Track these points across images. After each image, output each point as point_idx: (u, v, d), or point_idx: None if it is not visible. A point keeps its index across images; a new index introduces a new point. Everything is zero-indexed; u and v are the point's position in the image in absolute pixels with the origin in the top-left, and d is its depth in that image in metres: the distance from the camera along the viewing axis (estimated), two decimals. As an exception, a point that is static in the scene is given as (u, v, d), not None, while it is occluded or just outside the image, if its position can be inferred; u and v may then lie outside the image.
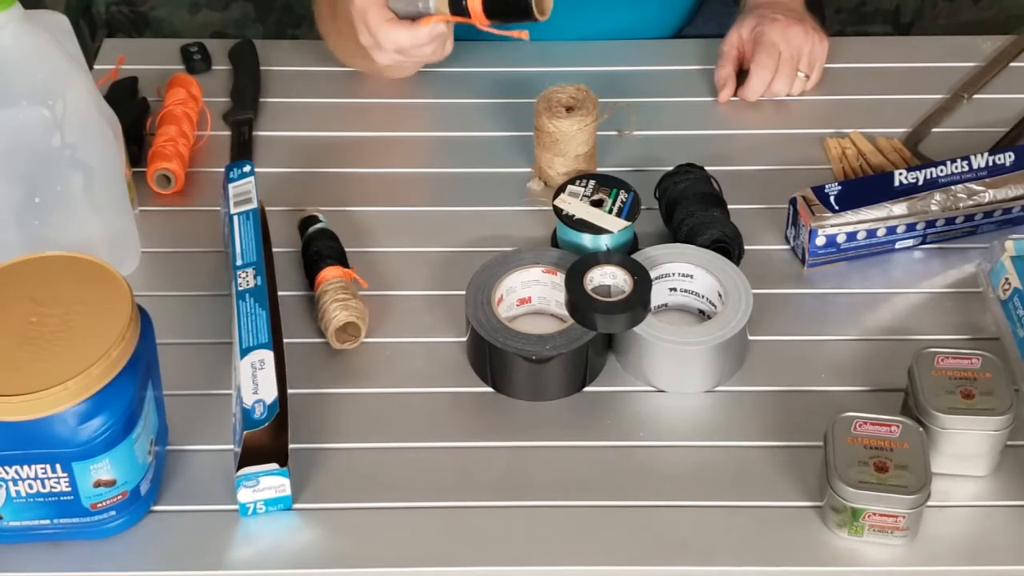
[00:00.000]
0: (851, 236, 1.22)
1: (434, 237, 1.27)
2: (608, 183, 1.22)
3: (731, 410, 1.12)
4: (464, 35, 1.54)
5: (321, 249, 1.20)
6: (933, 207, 1.23)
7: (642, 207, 1.21)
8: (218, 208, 1.26)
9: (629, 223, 1.19)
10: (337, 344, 1.14)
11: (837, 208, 1.21)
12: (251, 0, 2.28)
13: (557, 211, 1.20)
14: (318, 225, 1.22)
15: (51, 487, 0.96)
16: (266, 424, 1.00)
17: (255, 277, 1.11)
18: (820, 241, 1.21)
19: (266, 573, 1.00)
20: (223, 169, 1.24)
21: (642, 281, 1.12)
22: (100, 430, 0.95)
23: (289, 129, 1.41)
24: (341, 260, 1.20)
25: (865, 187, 1.24)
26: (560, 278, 1.14)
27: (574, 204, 1.20)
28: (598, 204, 1.20)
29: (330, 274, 1.17)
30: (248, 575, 1.00)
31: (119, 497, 0.99)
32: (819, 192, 1.22)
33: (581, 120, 1.27)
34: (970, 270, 1.24)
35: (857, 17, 2.36)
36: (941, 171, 1.24)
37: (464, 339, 1.16)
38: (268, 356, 1.04)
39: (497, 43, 1.52)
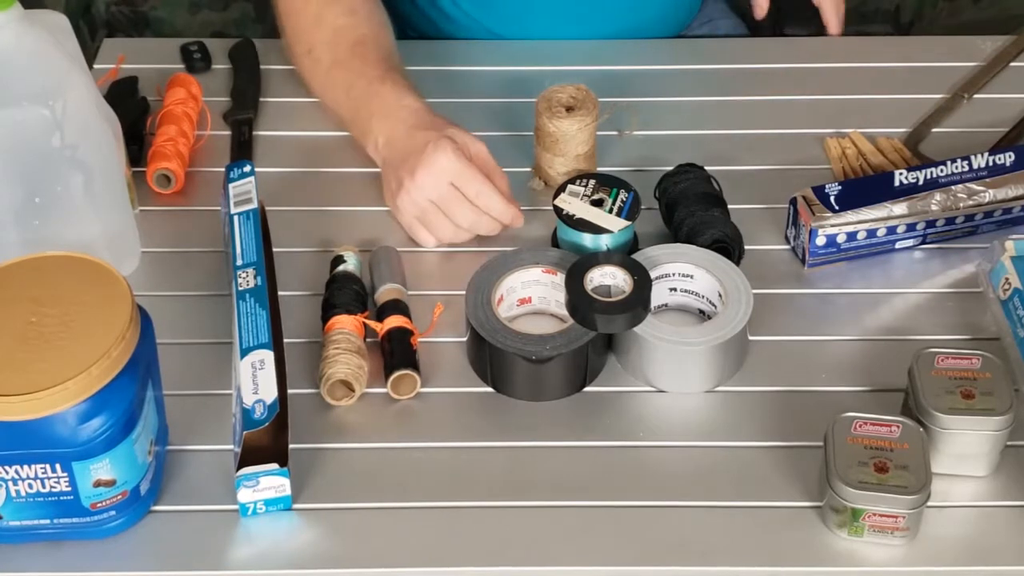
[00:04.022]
0: (851, 236, 1.22)
1: (434, 237, 1.27)
2: (608, 183, 1.22)
3: (731, 410, 1.12)
4: (464, 34, 1.55)
5: (332, 296, 1.16)
6: (933, 207, 1.23)
7: (642, 207, 1.21)
8: (218, 208, 1.26)
9: (629, 223, 1.19)
10: (332, 400, 1.11)
11: (837, 208, 1.21)
12: (251, 0, 2.28)
13: (557, 211, 1.20)
14: (340, 267, 1.19)
15: (51, 487, 0.96)
16: (266, 424, 1.00)
17: (255, 277, 1.11)
18: (820, 241, 1.21)
19: (266, 573, 1.00)
20: (223, 169, 1.24)
21: (642, 281, 1.12)
22: (100, 430, 0.95)
23: (289, 129, 1.41)
24: (356, 305, 1.15)
25: (865, 187, 1.24)
26: (560, 278, 1.14)
27: (574, 204, 1.20)
28: (598, 204, 1.20)
29: (336, 325, 1.13)
30: (248, 575, 1.00)
31: (119, 497, 0.99)
32: (819, 192, 1.22)
33: (581, 120, 1.27)
34: (970, 270, 1.24)
35: (857, 17, 2.36)
36: (941, 171, 1.24)
37: (464, 339, 1.16)
38: (268, 356, 1.04)
39: (497, 43, 1.52)
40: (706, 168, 1.27)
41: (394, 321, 1.14)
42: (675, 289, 1.18)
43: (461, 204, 1.21)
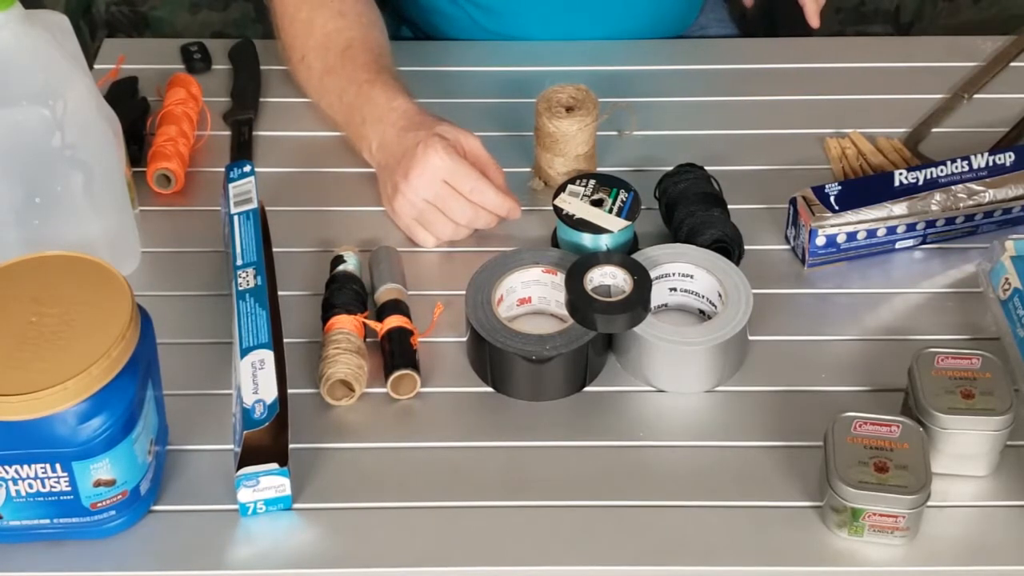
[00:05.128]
0: (851, 236, 1.22)
1: (434, 237, 1.27)
2: (608, 183, 1.22)
3: (731, 410, 1.12)
4: (463, 35, 1.55)
5: (332, 296, 1.16)
6: (933, 207, 1.23)
7: (642, 207, 1.21)
8: (218, 208, 1.26)
9: (629, 223, 1.19)
10: (332, 400, 1.11)
11: (837, 208, 1.21)
12: (251, 0, 2.28)
13: (557, 211, 1.20)
14: (340, 267, 1.19)
15: (51, 487, 0.96)
16: (266, 424, 1.00)
17: (255, 277, 1.11)
18: (820, 241, 1.21)
19: (266, 573, 1.00)
20: (223, 169, 1.24)
21: (642, 281, 1.12)
22: (100, 430, 0.95)
23: (289, 129, 1.41)
24: (356, 305, 1.15)
25: (865, 187, 1.24)
26: (560, 278, 1.14)
27: (574, 204, 1.20)
28: (598, 204, 1.20)
29: (335, 325, 1.13)
30: (248, 575, 1.00)
31: (119, 497, 0.99)
32: (819, 192, 1.22)
33: (581, 120, 1.27)
34: (970, 270, 1.24)
35: (857, 17, 2.36)
36: (941, 171, 1.24)
37: (464, 339, 1.16)
38: (268, 356, 1.04)
39: (497, 43, 1.52)
40: (706, 168, 1.27)
41: (394, 321, 1.14)
42: (675, 289, 1.18)
43: (457, 201, 1.22)
